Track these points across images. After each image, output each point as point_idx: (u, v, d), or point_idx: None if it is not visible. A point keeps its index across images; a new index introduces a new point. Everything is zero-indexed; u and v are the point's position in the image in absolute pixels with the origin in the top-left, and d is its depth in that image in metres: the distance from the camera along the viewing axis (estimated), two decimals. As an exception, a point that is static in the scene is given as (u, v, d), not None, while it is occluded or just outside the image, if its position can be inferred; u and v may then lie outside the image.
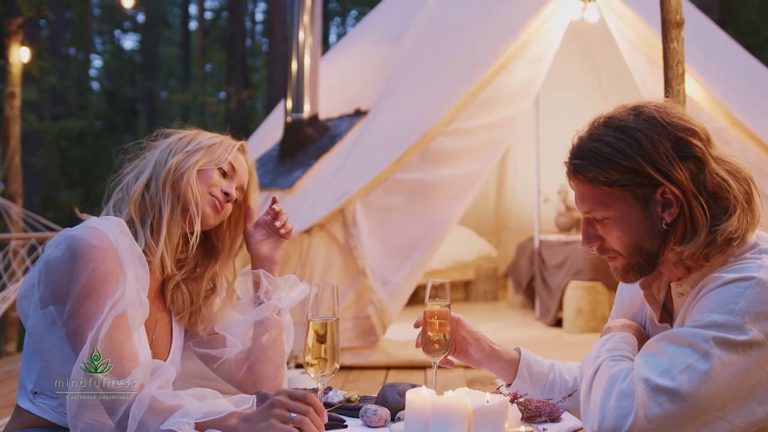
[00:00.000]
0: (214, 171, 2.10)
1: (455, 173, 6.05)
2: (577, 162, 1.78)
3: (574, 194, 1.86)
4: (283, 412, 1.64)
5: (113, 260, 1.85)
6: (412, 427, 1.80)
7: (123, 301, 1.82)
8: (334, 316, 1.78)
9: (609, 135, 1.74)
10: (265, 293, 2.21)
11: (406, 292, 5.97)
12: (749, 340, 1.58)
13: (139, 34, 28.30)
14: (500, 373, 2.16)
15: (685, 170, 1.70)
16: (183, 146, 2.11)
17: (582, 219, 1.86)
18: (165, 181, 2.05)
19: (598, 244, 1.83)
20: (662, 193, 1.72)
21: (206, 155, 2.10)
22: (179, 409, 1.71)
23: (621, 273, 1.84)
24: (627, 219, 1.76)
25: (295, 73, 7.04)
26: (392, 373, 5.61)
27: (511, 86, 6.16)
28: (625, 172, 1.72)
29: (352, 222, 5.82)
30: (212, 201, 2.09)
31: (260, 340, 2.20)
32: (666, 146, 1.71)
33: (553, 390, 2.12)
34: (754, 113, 5.86)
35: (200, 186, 2.07)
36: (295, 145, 7.00)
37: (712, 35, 7.44)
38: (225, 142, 2.15)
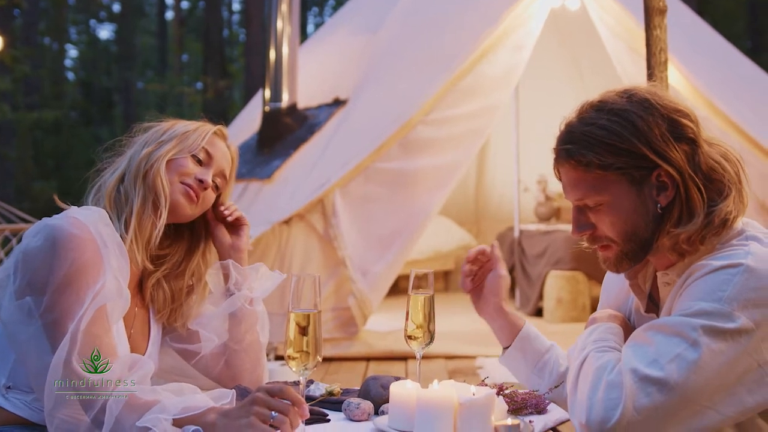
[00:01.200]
0: (187, 159, 2.04)
1: (435, 163, 6.02)
2: (569, 147, 1.73)
3: (563, 182, 1.81)
4: (263, 411, 1.59)
5: (94, 251, 1.81)
6: (396, 420, 1.77)
7: (103, 292, 1.78)
8: (316, 308, 1.73)
9: (602, 118, 1.71)
10: (235, 284, 2.16)
11: (386, 282, 5.95)
12: (738, 328, 1.56)
13: (115, 23, 28.02)
14: (498, 334, 2.13)
15: (680, 151, 1.68)
16: (157, 137, 2.06)
17: (572, 207, 1.81)
18: (137, 174, 2.00)
19: (589, 233, 1.79)
20: (657, 176, 1.69)
21: (179, 144, 2.05)
22: (156, 405, 1.65)
23: (614, 262, 1.80)
24: (621, 204, 1.72)
25: (273, 63, 6.97)
26: (373, 364, 5.59)
27: (492, 75, 6.14)
28: (620, 154, 1.68)
29: (331, 212, 5.78)
30: (185, 190, 2.03)
31: (234, 333, 2.16)
32: (661, 127, 1.68)
33: (543, 372, 2.08)
34: (734, 102, 5.87)
35: (172, 176, 2.02)
36: (274, 134, 6.95)
37: (693, 24, 7.45)
38: (200, 129, 2.10)
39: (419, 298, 2.05)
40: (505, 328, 2.12)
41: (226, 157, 2.14)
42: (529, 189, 8.68)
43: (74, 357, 1.70)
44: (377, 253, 5.87)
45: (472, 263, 2.13)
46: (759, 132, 5.81)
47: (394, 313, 6.71)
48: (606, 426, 1.55)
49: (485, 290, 2.11)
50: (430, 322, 2.06)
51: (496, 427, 1.72)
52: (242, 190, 6.61)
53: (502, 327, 2.12)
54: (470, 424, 1.71)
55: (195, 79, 25.38)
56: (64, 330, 1.71)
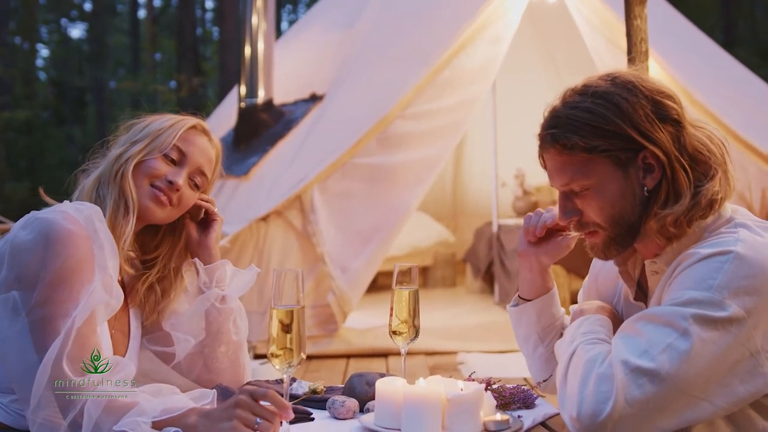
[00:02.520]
0: (157, 160, 1.97)
1: (414, 157, 5.99)
2: (553, 131, 1.72)
3: (548, 168, 1.79)
4: (247, 415, 1.54)
5: (88, 248, 1.75)
6: (382, 418, 1.74)
7: (98, 292, 1.73)
8: (299, 304, 1.68)
9: (586, 101, 1.70)
10: (204, 284, 2.10)
11: (366, 278, 5.91)
12: (729, 317, 1.54)
13: (87, 22, 27.79)
14: (525, 284, 2.07)
15: (665, 132, 1.68)
16: (132, 136, 2.00)
17: (558, 194, 1.79)
18: (109, 177, 1.94)
19: (576, 219, 1.77)
20: (643, 158, 1.69)
21: (150, 143, 1.98)
22: (135, 407, 1.60)
23: (602, 248, 1.78)
24: (608, 187, 1.71)
25: (248, 58, 6.94)
26: (353, 361, 5.55)
27: (470, 68, 6.10)
28: (606, 136, 1.67)
29: (309, 208, 5.73)
30: (153, 194, 1.96)
31: (209, 332, 2.10)
32: (646, 108, 1.68)
33: (547, 336, 2.05)
34: (712, 94, 5.89)
35: (141, 179, 1.95)
36: (250, 131, 6.91)
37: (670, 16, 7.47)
38: (174, 126, 2.02)
39: (404, 293, 2.02)
40: (535, 283, 2.05)
41: (206, 153, 2.06)
42: (507, 184, 8.66)
43: (64, 357, 1.64)
44: (356, 249, 5.83)
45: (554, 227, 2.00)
46: (736, 122, 5.84)
47: (373, 310, 6.69)
48: (597, 419, 1.53)
49: (546, 246, 2.00)
50: (415, 317, 2.03)
51: (485, 423, 1.71)
52: (219, 187, 6.55)
53: (533, 282, 2.05)
54: (459, 421, 1.69)
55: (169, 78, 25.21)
56: (55, 328, 1.66)
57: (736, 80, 7.08)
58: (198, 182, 2.05)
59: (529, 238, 1.99)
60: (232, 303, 2.12)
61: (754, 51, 18.29)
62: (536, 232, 1.97)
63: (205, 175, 2.07)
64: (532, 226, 1.98)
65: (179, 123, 2.03)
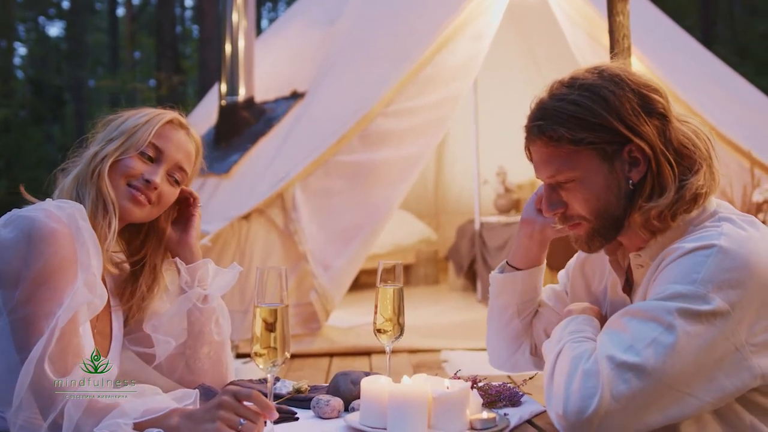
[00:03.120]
0: (133, 159, 1.92)
1: (396, 155, 5.97)
2: (540, 123, 1.73)
3: (534, 161, 1.79)
4: (231, 416, 1.52)
5: (71, 246, 1.72)
6: (368, 417, 1.72)
7: (81, 291, 1.69)
8: (283, 302, 1.66)
9: (573, 94, 1.70)
10: (186, 283, 2.06)
11: (348, 277, 5.89)
12: (713, 310, 1.54)
13: (65, 20, 27.58)
14: (519, 251, 2.05)
15: (651, 126, 1.68)
16: (108, 134, 1.95)
17: (544, 186, 1.80)
18: (86, 176, 1.90)
19: (561, 211, 1.77)
20: (629, 151, 1.69)
21: (126, 141, 1.93)
22: (116, 409, 1.57)
23: (585, 240, 1.78)
24: (593, 180, 1.71)
25: (229, 56, 6.91)
26: (336, 359, 5.52)
27: (452, 65, 6.09)
28: (592, 129, 1.68)
29: (291, 206, 5.70)
30: (130, 194, 1.92)
31: (190, 333, 2.06)
32: (632, 102, 1.68)
33: (527, 309, 2.07)
34: (694, 90, 5.91)
35: (118, 178, 1.91)
36: (231, 129, 6.87)
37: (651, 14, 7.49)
38: (150, 121, 1.96)
39: (388, 291, 2.00)
40: (531, 253, 2.04)
41: (184, 148, 2.02)
42: (488, 181, 8.66)
43: (47, 358, 1.61)
44: (339, 247, 5.81)
45: None
46: (717, 119, 5.86)
47: (356, 308, 6.67)
48: (584, 416, 1.52)
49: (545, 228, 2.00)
50: (400, 315, 2.01)
51: (472, 421, 1.69)
52: (200, 185, 6.51)
53: (530, 251, 2.04)
54: (445, 419, 1.68)
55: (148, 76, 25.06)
56: (39, 328, 1.63)
57: (717, 77, 7.12)
58: (178, 178, 2.01)
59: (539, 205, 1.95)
60: (214, 302, 2.08)
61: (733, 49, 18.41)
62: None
63: (185, 170, 2.02)
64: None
65: (155, 118, 1.98)
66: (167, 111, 2.03)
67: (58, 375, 1.62)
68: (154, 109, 2.03)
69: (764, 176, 5.80)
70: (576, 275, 2.07)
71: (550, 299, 2.11)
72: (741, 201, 5.64)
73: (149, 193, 1.94)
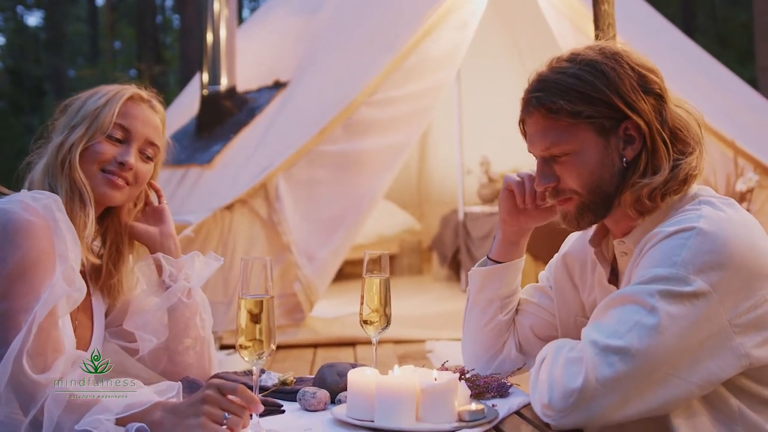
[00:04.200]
0: (102, 143, 1.87)
1: (380, 144, 5.95)
2: (539, 94, 1.74)
3: (529, 133, 1.80)
4: (215, 411, 1.49)
5: (50, 239, 1.68)
6: (355, 409, 1.70)
7: (60, 285, 1.65)
8: (268, 294, 1.63)
9: (574, 68, 1.72)
10: (170, 276, 2.01)
11: (332, 267, 5.87)
12: (694, 291, 1.55)
13: (43, 10, 27.32)
14: (500, 246, 2.05)
15: (648, 104, 1.71)
16: (69, 120, 1.89)
17: (537, 160, 1.80)
18: (56, 167, 1.85)
19: (553, 185, 1.78)
20: (625, 128, 1.72)
21: (90, 126, 1.87)
22: (97, 405, 1.53)
23: (575, 215, 1.78)
24: (588, 154, 1.73)
25: (210, 45, 6.87)
26: (320, 350, 5.50)
27: (436, 54, 6.08)
28: (591, 103, 1.70)
29: (275, 197, 5.67)
30: (106, 179, 1.88)
31: (174, 329, 2.02)
32: (631, 79, 1.70)
33: (508, 305, 2.06)
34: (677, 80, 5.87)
35: (90, 165, 1.86)
36: (213, 119, 6.84)
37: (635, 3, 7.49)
38: (111, 101, 1.90)
39: (374, 282, 1.99)
40: (513, 246, 2.05)
41: (150, 122, 1.96)
42: (472, 171, 8.66)
43: (25, 353, 1.57)
44: (323, 237, 5.79)
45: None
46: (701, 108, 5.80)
47: (340, 298, 6.66)
48: (569, 401, 1.53)
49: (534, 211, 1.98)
50: (386, 306, 2.00)
51: (460, 412, 1.67)
52: (182, 176, 6.47)
53: (512, 245, 2.05)
54: (433, 411, 1.65)
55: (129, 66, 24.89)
56: (16, 323, 1.59)
57: (700, 67, 7.13)
58: (150, 154, 1.96)
59: (522, 204, 1.96)
60: (197, 296, 2.05)
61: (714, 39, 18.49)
62: (526, 201, 1.95)
63: (156, 144, 1.97)
64: (527, 193, 1.94)
65: (115, 97, 1.92)
66: (126, 87, 1.97)
67: (37, 371, 1.58)
68: (112, 86, 1.96)
69: (747, 165, 5.82)
70: (558, 268, 2.06)
71: (534, 296, 2.11)
72: (725, 190, 5.65)
73: (125, 175, 1.90)
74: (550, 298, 2.07)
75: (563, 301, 2.04)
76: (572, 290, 2.02)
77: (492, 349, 2.08)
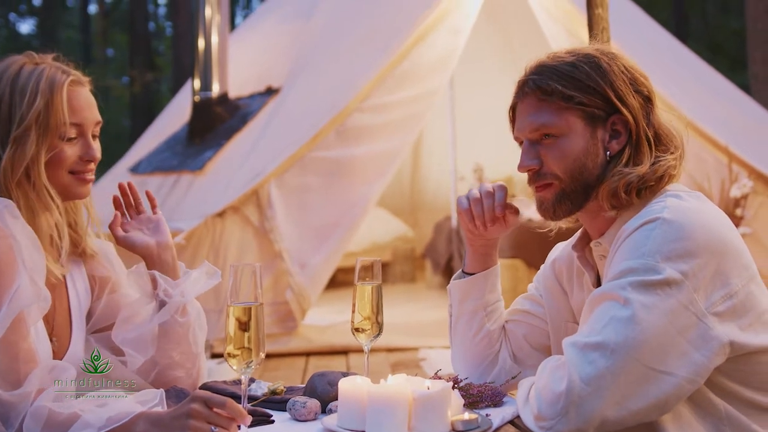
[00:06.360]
0: (63, 150, 1.78)
1: (373, 150, 5.94)
2: (535, 77, 1.80)
3: (520, 115, 1.84)
4: (202, 425, 1.44)
5: (7, 248, 1.61)
6: (346, 419, 1.67)
7: (20, 296, 1.59)
8: (257, 301, 1.60)
9: (571, 58, 1.79)
10: (164, 292, 1.94)
11: (325, 275, 5.85)
12: (666, 279, 1.56)
13: (36, 17, 27.29)
14: (473, 257, 2.06)
15: (637, 102, 1.77)
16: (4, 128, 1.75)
17: (523, 145, 1.84)
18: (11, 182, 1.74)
19: (536, 167, 1.80)
20: (613, 123, 1.77)
21: (42, 134, 1.75)
22: (78, 420, 1.48)
23: (553, 202, 1.81)
24: (574, 141, 1.77)
25: (202, 51, 6.86)
26: (313, 359, 5.48)
27: (429, 59, 6.07)
28: (585, 91, 1.75)
29: (267, 203, 5.64)
30: (76, 179, 1.82)
31: (164, 347, 1.94)
32: (624, 78, 1.77)
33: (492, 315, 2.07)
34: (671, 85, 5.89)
35: (57, 171, 1.79)
36: (205, 125, 6.83)
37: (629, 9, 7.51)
38: (53, 100, 1.77)
39: (366, 289, 1.96)
40: (485, 257, 2.06)
41: (92, 102, 1.87)
42: (465, 178, 8.63)
43: None
44: (315, 245, 5.76)
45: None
46: (695, 114, 5.86)
47: (333, 306, 6.63)
48: (558, 407, 1.53)
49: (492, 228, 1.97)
50: (378, 314, 1.98)
51: (453, 422, 1.65)
52: (173, 182, 6.44)
53: (484, 256, 2.05)
54: (426, 421, 1.62)
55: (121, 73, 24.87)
56: None
57: (694, 73, 7.13)
58: (97, 131, 1.88)
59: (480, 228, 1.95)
60: (192, 312, 1.98)
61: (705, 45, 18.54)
62: (486, 224, 1.94)
63: (100, 120, 1.88)
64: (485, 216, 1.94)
65: (56, 95, 1.78)
66: (54, 73, 1.82)
67: (9, 387, 1.53)
68: (30, 71, 1.82)
69: (742, 171, 5.81)
70: (548, 275, 2.07)
71: (525, 305, 2.11)
72: (719, 196, 5.64)
73: (92, 167, 1.85)
74: (541, 305, 2.07)
75: (554, 307, 2.04)
76: (562, 296, 2.03)
77: (485, 360, 2.07)
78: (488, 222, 1.94)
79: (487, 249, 2.04)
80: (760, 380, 1.68)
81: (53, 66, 1.85)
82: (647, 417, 1.57)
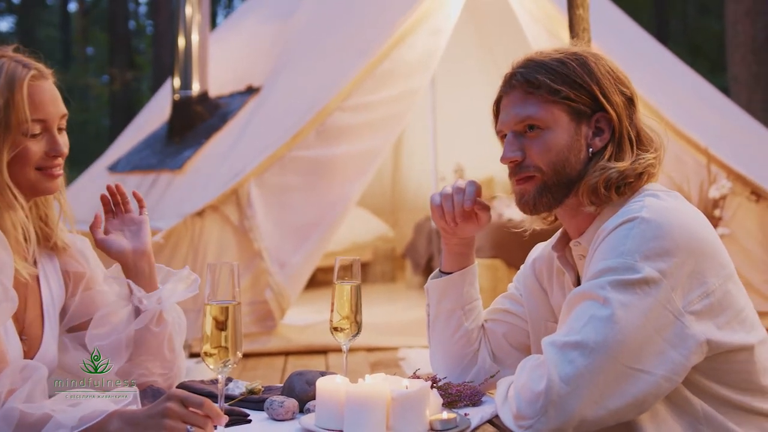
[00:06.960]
0: (27, 148, 1.75)
1: (354, 150, 5.93)
2: (523, 70, 1.81)
3: (505, 108, 1.85)
4: (177, 425, 1.43)
5: None
6: (324, 418, 1.66)
7: None
8: (235, 299, 1.58)
9: (559, 55, 1.81)
10: (139, 301, 1.91)
11: (304, 274, 5.84)
12: (644, 278, 1.57)
13: (15, 15, 27.08)
14: (449, 257, 2.06)
15: (621, 101, 1.79)
16: None
17: (507, 136, 1.84)
18: None
19: (519, 159, 1.81)
20: (597, 120, 1.79)
21: (3, 134, 1.71)
22: (49, 422, 1.46)
23: (534, 195, 1.81)
24: (558, 134, 1.78)
25: (182, 50, 6.82)
26: (292, 358, 5.47)
27: (410, 60, 6.07)
28: (571, 86, 1.77)
29: (246, 203, 5.62)
30: (44, 175, 1.79)
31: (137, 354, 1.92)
32: (610, 78, 1.79)
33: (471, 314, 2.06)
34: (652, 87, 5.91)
35: (23, 169, 1.75)
36: (184, 124, 6.79)
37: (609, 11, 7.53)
38: (14, 98, 1.72)
39: (345, 288, 1.96)
40: (461, 256, 2.05)
41: (56, 95, 1.83)
42: (446, 178, 8.64)
43: None
44: (295, 244, 5.75)
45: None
46: (675, 115, 5.89)
47: (312, 306, 6.62)
48: (537, 406, 1.53)
49: (465, 224, 1.98)
50: (357, 313, 1.97)
51: (431, 422, 1.65)
52: (152, 181, 6.40)
53: (460, 255, 2.05)
54: (404, 420, 1.62)
55: (101, 72, 24.72)
56: None
57: (673, 74, 7.17)
58: (64, 124, 1.84)
59: (451, 224, 1.96)
60: (168, 317, 1.96)
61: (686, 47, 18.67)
62: (456, 219, 1.95)
63: (66, 113, 1.84)
64: (455, 212, 1.94)
65: (16, 90, 1.73)
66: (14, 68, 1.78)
67: None
68: None
69: (721, 172, 5.84)
70: (528, 274, 2.07)
71: (504, 304, 2.11)
72: (698, 197, 5.67)
73: (60, 162, 1.82)
74: (521, 304, 2.07)
75: (534, 306, 2.04)
76: (542, 295, 2.03)
77: (464, 359, 2.06)
78: (458, 217, 1.93)
79: (462, 248, 2.04)
80: (736, 379, 1.68)
81: (13, 60, 1.80)
82: (626, 416, 1.57)
